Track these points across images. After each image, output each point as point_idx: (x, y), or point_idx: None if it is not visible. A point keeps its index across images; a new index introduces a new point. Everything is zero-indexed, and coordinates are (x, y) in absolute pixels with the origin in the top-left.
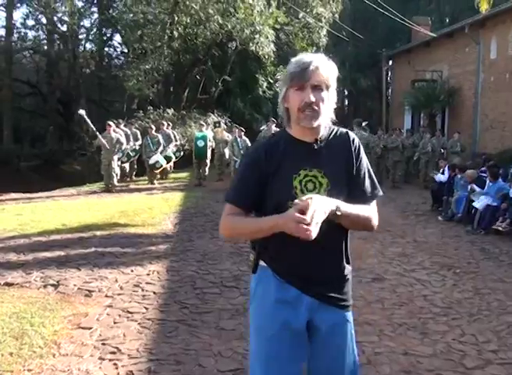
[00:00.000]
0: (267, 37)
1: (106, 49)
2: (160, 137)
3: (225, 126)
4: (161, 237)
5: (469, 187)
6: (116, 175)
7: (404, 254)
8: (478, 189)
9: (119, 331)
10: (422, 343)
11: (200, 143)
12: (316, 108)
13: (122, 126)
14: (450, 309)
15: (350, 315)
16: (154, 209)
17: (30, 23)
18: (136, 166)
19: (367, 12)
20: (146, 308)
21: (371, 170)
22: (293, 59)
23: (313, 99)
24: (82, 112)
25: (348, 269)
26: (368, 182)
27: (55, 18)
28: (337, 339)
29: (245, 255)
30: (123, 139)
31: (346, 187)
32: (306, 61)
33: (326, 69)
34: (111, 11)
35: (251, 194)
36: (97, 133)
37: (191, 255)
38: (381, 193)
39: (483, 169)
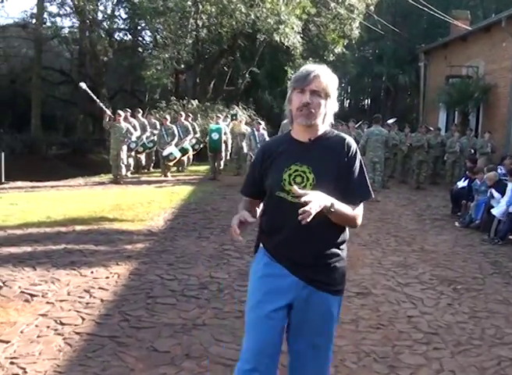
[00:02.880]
0: (292, 28)
1: (141, 39)
2: (175, 128)
3: (250, 119)
4: (144, 234)
5: (489, 191)
6: (127, 166)
7: (404, 264)
8: (497, 194)
9: (36, 347)
10: None
11: (215, 136)
12: (312, 109)
13: (139, 115)
14: (435, 336)
15: (337, 299)
16: (152, 203)
17: (52, 8)
18: (154, 158)
19: (408, 6)
20: (82, 319)
21: (365, 174)
22: (301, 68)
23: (309, 101)
24: (82, 84)
25: (339, 257)
26: (359, 185)
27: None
28: (317, 315)
29: (225, 259)
30: (134, 129)
31: (332, 185)
32: (309, 69)
33: (326, 78)
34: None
35: (252, 189)
36: (101, 104)
37: (165, 257)
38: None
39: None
